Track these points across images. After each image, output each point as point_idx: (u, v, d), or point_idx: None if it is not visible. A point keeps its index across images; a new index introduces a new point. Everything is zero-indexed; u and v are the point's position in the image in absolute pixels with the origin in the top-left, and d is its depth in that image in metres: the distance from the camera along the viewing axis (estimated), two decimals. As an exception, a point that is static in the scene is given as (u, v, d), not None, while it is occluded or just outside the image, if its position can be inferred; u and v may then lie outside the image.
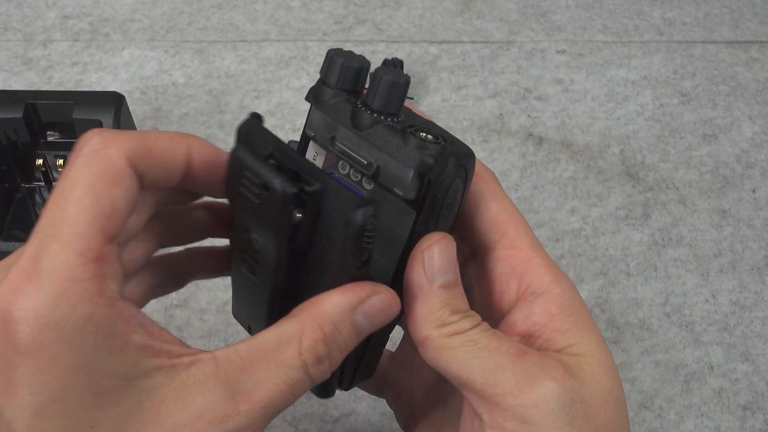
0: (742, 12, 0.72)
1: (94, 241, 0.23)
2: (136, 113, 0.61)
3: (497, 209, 0.31)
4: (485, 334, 0.28)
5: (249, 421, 0.24)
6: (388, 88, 0.27)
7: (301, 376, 0.25)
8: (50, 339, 0.22)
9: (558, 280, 0.30)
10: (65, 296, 0.22)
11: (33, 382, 0.22)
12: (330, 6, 0.71)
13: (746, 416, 0.48)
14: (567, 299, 0.29)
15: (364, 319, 0.27)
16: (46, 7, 0.70)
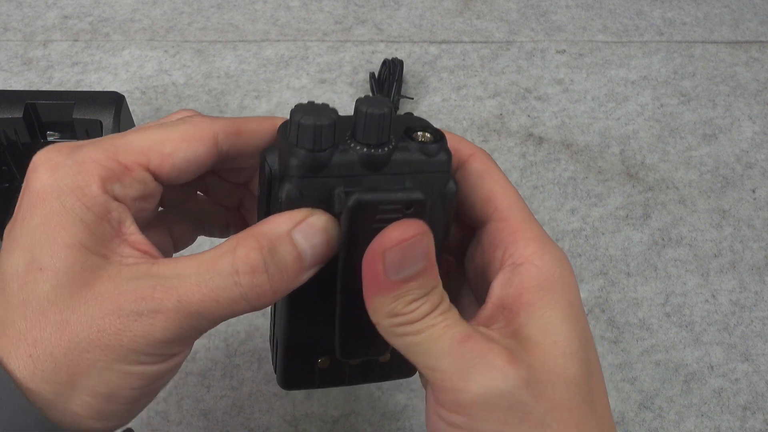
0: (742, 12, 0.72)
1: (131, 157, 0.27)
2: (136, 113, 0.61)
3: (491, 184, 0.31)
4: (435, 319, 0.27)
5: (161, 306, 0.25)
6: (377, 122, 0.27)
7: (229, 283, 0.26)
8: (54, 189, 0.26)
9: (542, 253, 0.29)
10: (87, 169, 0.26)
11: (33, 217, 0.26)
12: (330, 6, 0.71)
13: (746, 416, 0.48)
14: (544, 273, 0.29)
15: (303, 239, 0.27)
16: (46, 7, 0.70)
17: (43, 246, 0.25)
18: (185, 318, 0.25)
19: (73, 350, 0.25)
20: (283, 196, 0.27)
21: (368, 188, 0.28)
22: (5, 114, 0.49)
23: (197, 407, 0.47)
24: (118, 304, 0.25)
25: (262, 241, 0.26)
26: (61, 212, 0.26)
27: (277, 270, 0.26)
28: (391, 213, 0.27)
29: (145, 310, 0.25)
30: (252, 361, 0.49)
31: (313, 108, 0.27)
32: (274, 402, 0.47)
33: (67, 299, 0.25)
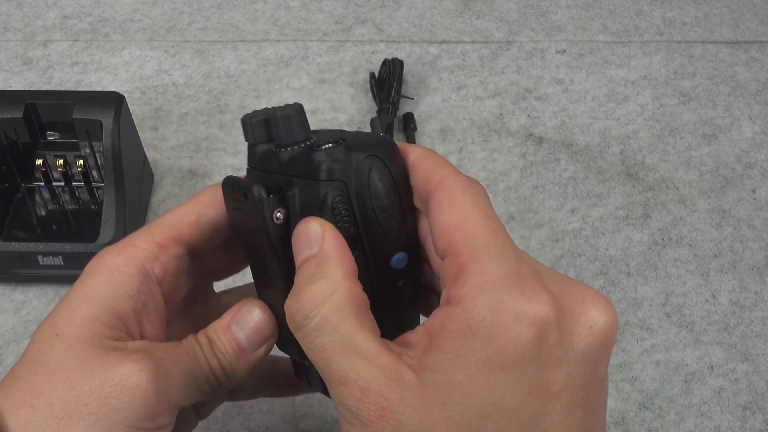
0: (742, 12, 0.72)
1: (167, 235, 0.32)
2: (136, 113, 0.61)
3: (449, 215, 0.28)
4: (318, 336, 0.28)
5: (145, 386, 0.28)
6: (285, 122, 0.29)
7: (187, 372, 0.30)
8: (93, 267, 0.31)
9: (475, 295, 0.25)
10: (128, 253, 0.31)
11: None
12: (330, 6, 0.71)
13: (746, 416, 0.48)
14: (469, 318, 0.25)
15: (239, 329, 0.31)
16: (46, 7, 0.70)
17: (63, 315, 0.29)
18: (161, 380, 0.28)
19: (70, 403, 0.27)
20: (255, 193, 0.29)
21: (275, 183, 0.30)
22: (5, 114, 0.49)
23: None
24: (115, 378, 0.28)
25: (209, 333, 0.31)
26: (89, 287, 0.30)
27: (220, 361, 0.31)
28: (238, 202, 0.30)
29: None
30: (252, 361, 0.49)
31: (256, 111, 0.31)
32: (274, 402, 0.47)
33: (73, 362, 0.28)
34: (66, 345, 0.28)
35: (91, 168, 0.52)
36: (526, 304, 0.25)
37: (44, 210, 0.52)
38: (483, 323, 0.25)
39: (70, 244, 0.49)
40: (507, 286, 0.26)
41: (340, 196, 0.29)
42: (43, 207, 0.52)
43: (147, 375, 0.28)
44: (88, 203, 0.53)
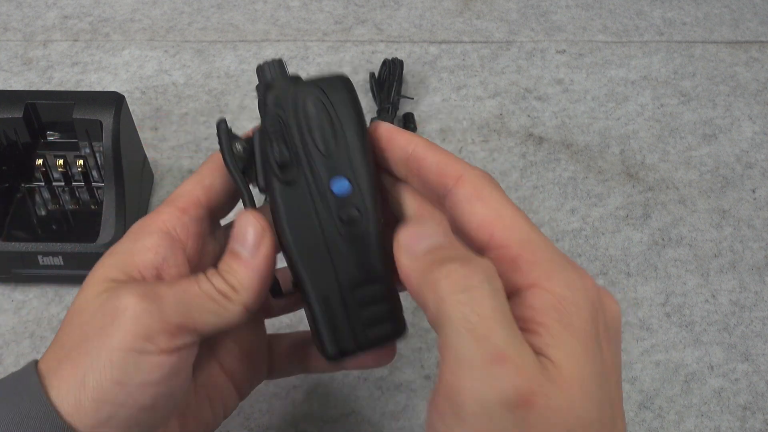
0: (742, 12, 0.72)
1: (186, 200, 0.34)
2: (136, 113, 0.61)
3: (481, 210, 0.29)
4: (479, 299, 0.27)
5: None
6: (270, 67, 0.34)
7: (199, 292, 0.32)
8: (129, 231, 0.34)
9: (549, 275, 0.27)
10: (152, 218, 0.33)
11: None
12: (330, 6, 0.71)
13: (746, 416, 0.48)
14: (555, 296, 0.27)
15: (233, 241, 0.33)
16: (46, 7, 0.70)
17: (94, 269, 0.32)
18: (150, 300, 0.30)
19: (78, 339, 0.30)
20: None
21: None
22: (5, 114, 0.49)
23: (197, 407, 0.47)
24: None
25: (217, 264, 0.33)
26: (117, 246, 0.33)
27: (224, 277, 0.32)
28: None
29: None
30: (252, 361, 0.49)
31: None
32: (274, 402, 0.47)
33: (88, 306, 0.31)
34: (83, 295, 0.31)
35: (91, 168, 0.52)
36: (583, 281, 0.28)
37: (44, 210, 0.52)
38: (567, 299, 0.27)
39: (70, 244, 0.49)
40: (563, 267, 0.28)
41: (274, 121, 0.32)
42: (43, 207, 0.52)
43: (136, 298, 0.29)
44: (88, 203, 0.53)
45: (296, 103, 0.32)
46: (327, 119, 0.32)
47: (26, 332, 0.50)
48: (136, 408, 0.29)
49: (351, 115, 0.33)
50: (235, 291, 0.31)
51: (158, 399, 0.30)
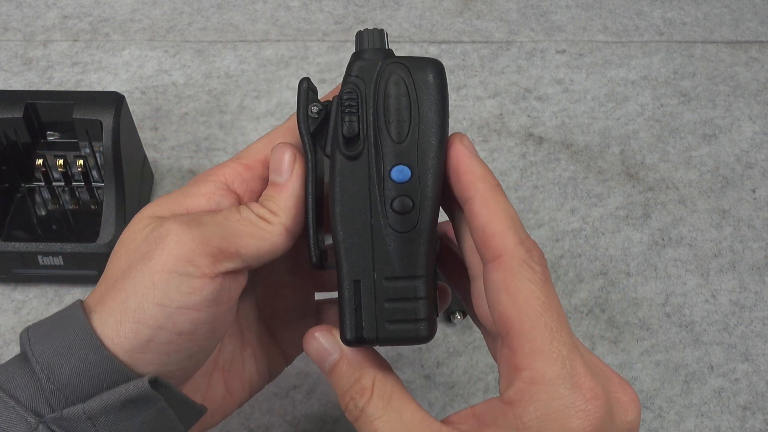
0: (742, 12, 0.72)
1: (251, 156, 0.35)
2: (136, 113, 0.61)
3: (506, 304, 0.29)
4: (370, 427, 0.31)
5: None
6: (369, 36, 0.33)
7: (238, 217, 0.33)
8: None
9: (528, 401, 0.28)
10: (215, 170, 0.34)
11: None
12: (330, 6, 0.71)
13: (746, 416, 0.48)
14: (564, 403, 0.28)
15: (271, 171, 0.34)
16: (46, 7, 0.70)
17: (141, 215, 0.33)
18: (193, 225, 0.31)
19: (122, 267, 0.31)
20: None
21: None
22: (5, 114, 0.49)
23: (197, 407, 0.47)
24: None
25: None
26: (170, 197, 0.33)
27: (263, 204, 0.33)
28: None
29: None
30: (252, 361, 0.49)
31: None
32: (274, 402, 0.47)
33: (133, 239, 0.32)
34: (128, 231, 0.32)
35: (91, 168, 0.52)
36: (584, 403, 0.28)
37: (44, 210, 0.52)
38: (575, 407, 0.28)
39: (70, 244, 0.49)
40: (560, 393, 0.28)
41: (351, 92, 0.31)
42: (43, 207, 0.52)
43: (178, 224, 0.30)
44: (88, 203, 0.53)
45: (379, 78, 0.31)
46: (406, 103, 0.31)
47: (26, 332, 0.50)
48: (176, 332, 0.30)
49: (433, 105, 0.32)
50: (274, 214, 0.32)
51: (198, 325, 0.30)
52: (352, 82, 0.32)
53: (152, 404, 0.29)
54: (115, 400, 0.29)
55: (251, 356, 0.37)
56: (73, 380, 0.29)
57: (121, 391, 0.29)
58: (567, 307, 0.52)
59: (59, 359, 0.29)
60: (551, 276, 0.53)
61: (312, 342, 0.33)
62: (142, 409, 0.29)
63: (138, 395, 0.29)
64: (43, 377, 0.29)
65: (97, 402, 0.29)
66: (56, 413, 0.28)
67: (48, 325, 0.31)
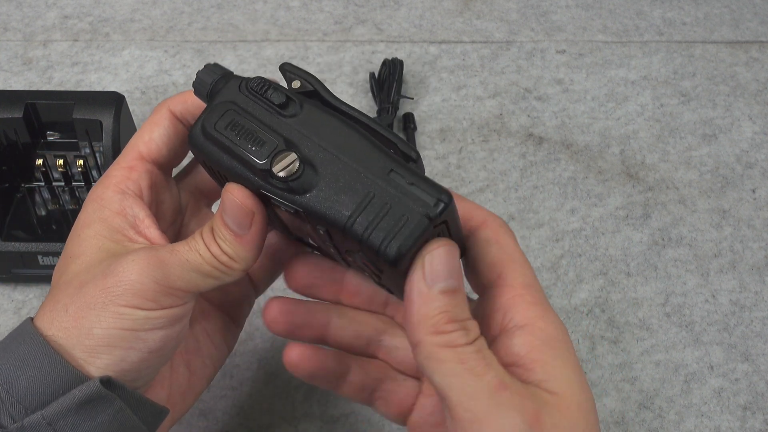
0: (742, 12, 0.72)
1: (130, 158, 0.35)
2: (136, 113, 0.61)
3: (497, 252, 0.33)
4: (475, 355, 0.29)
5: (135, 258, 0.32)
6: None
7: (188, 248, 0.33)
8: (85, 205, 0.35)
9: (543, 316, 0.31)
10: (105, 183, 0.35)
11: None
12: (330, 6, 0.71)
13: (746, 416, 0.48)
14: (549, 333, 0.31)
15: (225, 215, 0.33)
16: (46, 7, 0.70)
17: (72, 241, 0.34)
18: (154, 268, 0.31)
19: (80, 300, 0.31)
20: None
21: None
22: (5, 114, 0.49)
23: (197, 407, 0.47)
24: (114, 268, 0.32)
25: (211, 223, 0.33)
26: (85, 217, 0.34)
27: (221, 247, 0.33)
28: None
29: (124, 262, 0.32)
30: (252, 361, 0.49)
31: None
32: (274, 402, 0.47)
33: (85, 273, 0.32)
34: (78, 261, 0.33)
35: (91, 168, 0.52)
36: (561, 323, 0.32)
37: (44, 210, 0.52)
38: (558, 336, 0.31)
39: (70, 244, 0.49)
40: (551, 311, 0.32)
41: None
42: (43, 207, 0.52)
43: (140, 263, 0.31)
44: (88, 203, 0.53)
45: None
46: None
47: (26, 332, 0.50)
48: (146, 351, 0.32)
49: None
50: (235, 261, 0.33)
51: (166, 342, 0.32)
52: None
53: (109, 405, 0.30)
54: (69, 403, 0.30)
55: (203, 332, 0.38)
56: (31, 390, 0.30)
57: (75, 393, 0.30)
58: (567, 307, 0.52)
59: (15, 372, 0.30)
60: (551, 276, 0.53)
61: (443, 255, 0.29)
62: (99, 410, 0.30)
63: (91, 396, 0.30)
64: (2, 391, 0.30)
65: (54, 407, 0.30)
66: (17, 423, 0.29)
67: (3, 344, 0.32)
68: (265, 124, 0.32)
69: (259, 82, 0.32)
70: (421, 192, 0.29)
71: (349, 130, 0.31)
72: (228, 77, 0.33)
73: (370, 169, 0.30)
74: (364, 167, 0.30)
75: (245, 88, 0.32)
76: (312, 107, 0.32)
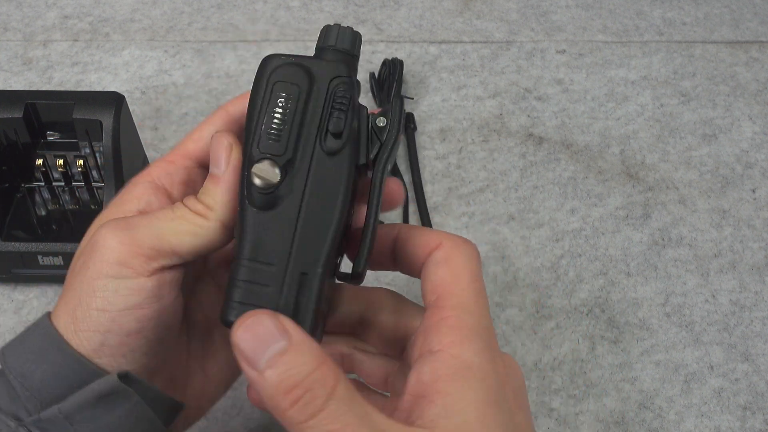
0: (742, 12, 0.73)
1: (175, 152, 0.36)
2: (136, 113, 0.61)
3: (442, 273, 0.31)
4: (336, 423, 0.26)
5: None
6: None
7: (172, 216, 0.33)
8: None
9: (460, 342, 0.29)
10: (142, 173, 0.35)
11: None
12: (330, 6, 0.71)
13: (746, 416, 0.48)
14: (462, 361, 0.28)
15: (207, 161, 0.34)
16: (46, 7, 0.70)
17: (91, 227, 0.34)
18: (121, 230, 0.31)
19: (69, 282, 0.32)
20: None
21: None
22: (5, 114, 0.49)
23: (197, 407, 0.47)
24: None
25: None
26: (109, 205, 0.34)
27: (199, 199, 0.33)
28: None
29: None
30: (252, 361, 0.49)
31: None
32: (274, 402, 0.47)
33: (83, 252, 0.32)
34: (80, 246, 0.33)
35: (91, 168, 0.52)
36: (494, 355, 0.30)
37: (44, 210, 0.52)
38: (474, 366, 0.28)
39: (70, 244, 0.49)
40: (480, 338, 0.29)
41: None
42: (43, 207, 0.52)
43: (109, 229, 0.31)
44: (88, 203, 0.53)
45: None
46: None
47: (26, 332, 0.50)
48: (124, 334, 0.30)
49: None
50: (210, 209, 0.32)
51: (144, 322, 0.31)
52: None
53: (125, 399, 0.30)
54: (87, 397, 0.29)
55: (220, 336, 0.38)
56: (46, 384, 0.30)
57: (93, 387, 0.30)
58: (567, 307, 0.52)
59: (30, 366, 0.30)
60: (551, 276, 0.53)
61: (249, 327, 0.27)
62: (116, 404, 0.30)
63: (109, 390, 0.30)
64: (17, 385, 0.30)
65: (71, 401, 0.29)
66: (33, 416, 0.29)
67: (19, 338, 0.32)
68: (301, 127, 0.31)
69: (344, 94, 0.31)
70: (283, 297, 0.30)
71: (334, 211, 0.31)
72: (345, 60, 0.33)
73: (303, 250, 0.30)
74: (300, 245, 0.30)
75: (333, 85, 0.32)
76: (344, 159, 0.31)
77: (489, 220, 0.56)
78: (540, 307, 0.52)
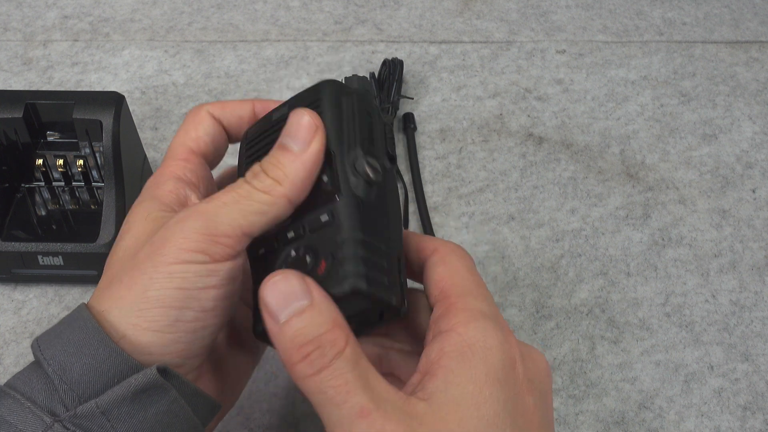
0: (742, 12, 0.73)
1: (182, 151, 0.36)
2: (136, 113, 0.61)
3: (442, 271, 0.33)
4: (336, 381, 0.28)
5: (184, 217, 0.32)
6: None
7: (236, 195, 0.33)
8: (144, 188, 0.36)
9: (467, 322, 0.30)
10: (160, 172, 0.36)
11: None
12: (330, 6, 0.71)
13: (746, 416, 0.48)
14: (467, 339, 0.30)
15: (285, 136, 0.33)
16: (46, 7, 0.70)
17: (125, 223, 0.34)
18: (195, 219, 0.31)
19: (133, 268, 0.31)
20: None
21: None
22: (5, 114, 0.49)
23: (197, 407, 0.47)
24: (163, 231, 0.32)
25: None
26: (138, 200, 0.35)
27: (273, 176, 0.33)
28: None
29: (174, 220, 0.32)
30: (252, 361, 0.49)
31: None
32: (274, 402, 0.47)
33: (135, 243, 0.33)
34: (128, 236, 0.33)
35: (91, 168, 0.52)
36: (504, 334, 0.31)
37: (44, 210, 0.52)
38: (478, 344, 0.30)
39: (70, 244, 0.49)
40: (488, 320, 0.31)
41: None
42: (43, 207, 0.52)
43: (182, 218, 0.31)
44: (88, 203, 0.53)
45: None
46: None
47: (26, 332, 0.50)
48: (200, 309, 0.31)
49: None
50: (279, 183, 0.32)
51: (218, 302, 0.31)
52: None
53: (164, 394, 0.30)
54: (125, 392, 0.29)
55: (234, 342, 0.38)
56: (85, 377, 0.29)
57: (131, 381, 0.29)
58: (567, 307, 0.52)
59: (69, 358, 0.29)
60: (551, 276, 0.53)
61: (278, 283, 0.29)
62: (154, 399, 0.30)
63: (147, 384, 0.29)
64: (55, 378, 0.29)
65: (109, 396, 0.29)
66: (70, 411, 0.29)
67: (56, 329, 0.31)
68: (385, 140, 0.36)
69: (390, 128, 0.35)
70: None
71: (400, 212, 0.35)
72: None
73: (397, 237, 0.34)
74: (394, 231, 0.34)
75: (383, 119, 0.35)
76: (393, 176, 0.35)
77: (489, 220, 0.56)
78: (540, 307, 0.52)
